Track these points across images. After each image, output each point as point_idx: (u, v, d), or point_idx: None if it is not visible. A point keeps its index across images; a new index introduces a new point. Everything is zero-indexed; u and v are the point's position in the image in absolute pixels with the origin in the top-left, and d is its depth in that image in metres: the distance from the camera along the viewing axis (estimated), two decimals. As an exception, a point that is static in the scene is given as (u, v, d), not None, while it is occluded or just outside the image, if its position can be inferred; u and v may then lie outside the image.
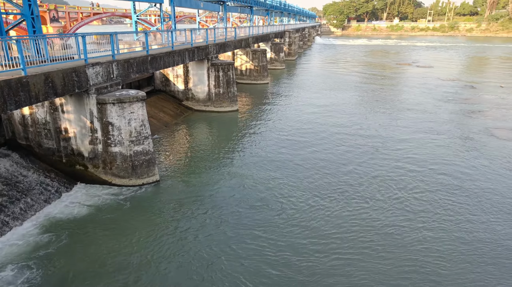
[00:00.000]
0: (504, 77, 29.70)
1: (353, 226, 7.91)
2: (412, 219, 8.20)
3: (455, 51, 54.93)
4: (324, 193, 9.39)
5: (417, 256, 6.93)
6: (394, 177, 10.39)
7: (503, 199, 9.17)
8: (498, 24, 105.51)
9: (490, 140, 13.63)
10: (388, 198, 9.14)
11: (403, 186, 9.82)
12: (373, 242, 7.34)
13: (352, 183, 10.00)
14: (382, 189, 9.63)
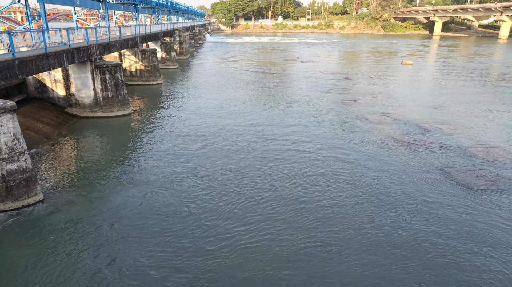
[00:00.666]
0: (372, 69, 34.28)
1: (255, 216, 8.24)
2: (306, 199, 8.92)
3: (332, 47, 61.15)
4: (228, 189, 9.57)
5: (316, 234, 7.58)
6: (287, 163, 11.14)
7: (373, 172, 10.62)
8: (363, 22, 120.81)
9: (364, 124, 15.62)
10: (285, 184, 9.77)
11: (296, 172, 10.61)
12: (276, 228, 7.77)
13: (251, 175, 10.40)
14: (278, 177, 10.23)
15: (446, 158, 11.81)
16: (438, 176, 10.47)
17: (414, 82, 27.02)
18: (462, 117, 16.89)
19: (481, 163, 11.37)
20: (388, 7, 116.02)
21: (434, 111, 18.11)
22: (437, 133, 14.35)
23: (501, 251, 7.05)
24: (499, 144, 13.17)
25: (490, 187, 9.72)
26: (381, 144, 13.21)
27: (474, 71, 33.07)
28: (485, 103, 19.85)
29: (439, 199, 9.14)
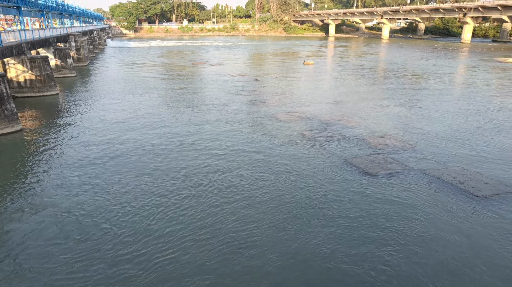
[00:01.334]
0: (278, 69, 36.02)
1: (173, 225, 8.02)
2: (223, 201, 8.99)
3: (239, 49, 62.55)
4: (142, 202, 9.12)
5: (236, 233, 7.68)
6: (201, 168, 11.09)
7: (284, 166, 11.20)
8: (266, 25, 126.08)
9: (274, 123, 16.34)
10: (201, 189, 9.71)
11: (211, 175, 10.62)
12: (196, 235, 7.68)
13: (165, 184, 10.09)
14: (193, 183, 10.12)
15: (347, 149, 13.01)
16: (342, 165, 11.48)
17: (316, 81, 29.15)
18: (358, 111, 18.75)
19: (376, 151, 12.78)
20: (287, 11, 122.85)
21: (335, 106, 19.78)
22: (338, 127, 15.71)
23: (392, 222, 8.04)
24: (389, 132, 14.96)
25: (385, 171, 10.99)
26: (290, 140, 13.97)
27: (365, 68, 37.01)
28: (376, 97, 22.35)
29: (343, 186, 10.04)
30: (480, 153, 12.54)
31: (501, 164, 11.53)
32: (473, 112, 18.26)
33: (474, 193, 9.46)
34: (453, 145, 13.44)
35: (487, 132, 14.91)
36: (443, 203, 9.11)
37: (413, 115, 17.72)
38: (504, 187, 9.81)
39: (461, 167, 11.22)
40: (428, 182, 10.25)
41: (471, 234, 7.79)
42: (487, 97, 22.18)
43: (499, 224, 8.15)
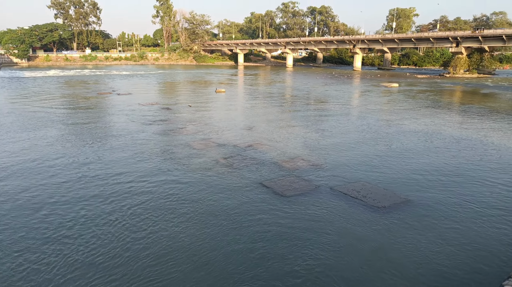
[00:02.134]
0: (190, 98, 35.95)
1: (87, 264, 7.17)
2: (139, 235, 8.38)
3: (149, 78, 61.09)
4: (41, 250, 7.99)
5: (151, 268, 7.16)
6: (110, 200, 10.26)
7: (200, 194, 11.01)
8: (176, 54, 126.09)
9: (188, 151, 16.07)
10: (112, 225, 8.93)
11: (120, 206, 9.88)
12: (106, 275, 6.96)
13: (70, 222, 9.05)
14: (103, 219, 9.28)
15: (261, 172, 13.36)
16: (256, 188, 11.71)
17: (228, 108, 29.78)
18: (270, 135, 19.56)
19: (288, 172, 13.37)
20: (196, 40, 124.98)
21: (248, 132, 20.33)
22: (252, 152, 16.12)
23: (304, 237, 8.40)
24: (299, 154, 15.84)
25: (296, 191, 11.51)
26: (204, 167, 13.84)
27: (273, 95, 39.14)
28: (285, 121, 23.65)
29: (257, 208, 10.20)
30: (377, 168, 13.98)
31: (394, 177, 12.99)
32: (370, 131, 20.45)
33: (375, 204, 10.43)
34: (355, 161, 14.76)
35: (382, 148, 16.76)
36: (350, 216, 9.84)
37: (320, 137, 19.12)
38: (399, 197, 11.03)
39: (363, 182, 12.33)
40: (336, 198, 11.01)
41: (374, 240, 8.51)
42: (379, 117, 25.12)
43: (397, 229, 9.07)
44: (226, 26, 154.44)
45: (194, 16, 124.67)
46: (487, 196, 11.18)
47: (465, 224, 9.41)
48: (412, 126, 21.86)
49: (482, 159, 15.11)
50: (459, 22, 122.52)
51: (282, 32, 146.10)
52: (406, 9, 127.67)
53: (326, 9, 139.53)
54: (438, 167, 14.09)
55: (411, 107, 29.97)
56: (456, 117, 25.31)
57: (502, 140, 18.49)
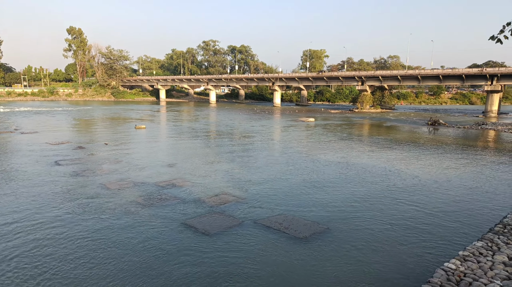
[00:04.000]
0: (107, 135, 33.84)
1: None
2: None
3: (60, 115, 56.44)
4: None
5: None
6: (3, 257, 8.81)
7: (118, 239, 10.11)
8: (92, 89, 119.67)
9: (103, 193, 14.83)
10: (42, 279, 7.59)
11: (16, 266, 8.52)
12: None
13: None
14: (31, 274, 7.86)
15: (184, 210, 12.82)
16: (178, 229, 11.14)
17: (149, 145, 28.60)
18: (193, 171, 19.11)
19: (212, 209, 13.04)
20: (114, 76, 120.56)
21: (170, 169, 19.62)
22: (174, 190, 15.48)
23: (229, 273, 8.11)
24: (223, 189, 15.65)
25: (220, 228, 11.21)
26: (120, 209, 12.83)
27: (197, 131, 38.87)
28: (209, 156, 23.42)
29: (180, 249, 9.65)
30: (299, 199, 14.40)
31: (315, 207, 13.48)
32: (291, 164, 21.22)
33: (296, 235, 10.61)
34: (278, 194, 15.04)
35: (303, 180, 17.42)
36: (271, 248, 9.83)
37: (243, 171, 19.23)
38: (319, 226, 11.40)
39: (286, 214, 12.55)
40: (259, 231, 10.96)
41: (295, 271, 8.56)
42: (298, 150, 26.34)
43: (317, 257, 9.26)
44: (146, 62, 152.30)
45: (111, 51, 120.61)
46: (399, 218, 12.16)
47: (379, 245, 10.01)
48: (329, 158, 23.29)
49: (390, 185, 16.58)
50: (363, 63, 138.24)
51: (204, 69, 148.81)
52: (318, 51, 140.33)
53: (246, 48, 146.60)
54: (355, 195, 15.05)
55: (327, 140, 32.12)
56: (367, 149, 27.72)
57: (406, 167, 20.62)
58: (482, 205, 13.67)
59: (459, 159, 23.20)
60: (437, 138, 34.42)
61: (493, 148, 28.86)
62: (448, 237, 10.53)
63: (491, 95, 66.49)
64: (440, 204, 13.81)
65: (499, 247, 7.99)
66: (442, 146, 29.27)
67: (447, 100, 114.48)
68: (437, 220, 12.04)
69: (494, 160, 23.06)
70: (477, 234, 10.42)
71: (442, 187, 16.30)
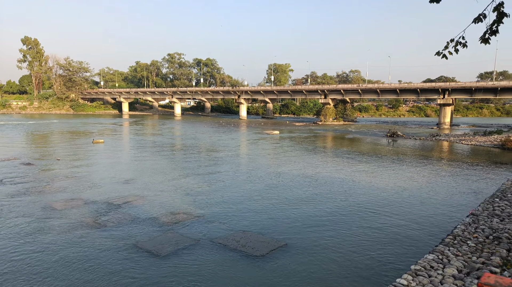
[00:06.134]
0: (62, 151, 32.02)
1: None
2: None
3: (11, 130, 53.08)
4: None
5: None
6: None
7: (46, 268, 9.29)
8: (49, 102, 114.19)
9: (49, 213, 13.77)
10: None
11: None
12: None
13: None
14: None
15: (136, 231, 12.12)
16: (127, 251, 10.45)
17: (106, 160, 27.31)
18: (152, 188, 18.33)
19: (167, 228, 12.43)
20: (74, 88, 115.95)
21: (126, 186, 18.70)
22: (129, 208, 14.69)
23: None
24: (181, 207, 15.06)
25: (174, 248, 10.65)
26: (68, 232, 11.91)
27: (159, 145, 37.78)
28: (170, 172, 22.65)
29: (130, 274, 9.00)
30: (258, 215, 14.10)
31: (273, 223, 13.23)
32: (252, 179, 20.94)
33: (253, 253, 10.27)
34: (238, 210, 14.66)
35: (263, 195, 17.16)
36: (228, 268, 9.41)
37: (204, 187, 18.70)
38: (277, 242, 11.13)
39: (244, 231, 12.18)
40: (215, 251, 10.51)
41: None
42: (261, 164, 26.16)
43: (274, 274, 8.95)
44: (108, 74, 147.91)
45: (70, 63, 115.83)
46: (356, 233, 12.14)
47: (336, 262, 9.86)
48: (291, 172, 23.26)
49: (349, 199, 16.70)
50: (326, 77, 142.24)
51: (169, 81, 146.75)
52: (283, 65, 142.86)
53: (212, 61, 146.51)
54: (315, 209, 14.97)
55: (291, 154, 32.25)
56: (329, 162, 28.06)
57: (365, 180, 20.96)
58: (436, 216, 14.04)
59: (415, 170, 23.99)
60: (395, 150, 35.63)
61: (446, 159, 30.22)
62: (402, 250, 10.61)
63: (443, 108, 70.33)
64: (395, 215, 14.03)
65: (449, 260, 8.07)
66: (400, 157, 30.27)
67: (405, 113, 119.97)
68: (393, 232, 12.17)
69: (447, 170, 24.07)
70: (430, 246, 10.58)
71: (399, 198, 16.64)
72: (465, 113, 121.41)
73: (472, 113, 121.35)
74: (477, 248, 8.85)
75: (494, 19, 6.09)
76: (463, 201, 16.18)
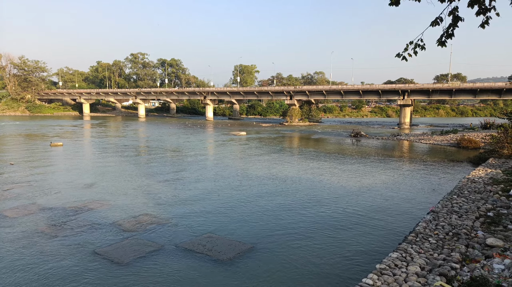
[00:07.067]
0: (15, 155, 30.06)
1: None
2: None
3: (-42, 132, 49.26)
4: None
5: None
6: None
7: (14, 276, 8.60)
8: (2, 103, 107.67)
9: (6, 221, 12.77)
10: None
11: None
12: None
13: None
14: None
15: (95, 238, 11.50)
16: (85, 259, 9.86)
17: (64, 164, 25.93)
18: (113, 192, 17.57)
19: (129, 234, 11.89)
20: (29, 89, 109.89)
21: (86, 191, 17.81)
22: (88, 214, 13.95)
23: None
24: (145, 211, 14.50)
25: (136, 255, 10.18)
26: (24, 241, 11.09)
27: (122, 147, 36.45)
28: (134, 175, 21.84)
29: (87, 281, 8.47)
30: (225, 218, 13.85)
31: (241, 225, 13.04)
32: (219, 180, 20.63)
33: (220, 257, 10.03)
34: (204, 213, 14.33)
35: (230, 197, 16.93)
36: (193, 273, 9.12)
37: (169, 190, 18.18)
38: (244, 246, 10.95)
39: (210, 234, 11.91)
40: (180, 256, 10.17)
41: (220, 301, 7.95)
42: (228, 164, 25.90)
43: (240, 279, 8.77)
44: (68, 74, 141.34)
45: (25, 62, 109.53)
46: (322, 233, 12.22)
47: (303, 263, 9.84)
48: (257, 173, 23.18)
49: (314, 198, 16.85)
50: (292, 79, 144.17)
51: (133, 82, 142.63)
52: (249, 66, 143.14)
53: (177, 62, 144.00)
54: (282, 210, 14.94)
55: (257, 154, 32.22)
56: (295, 161, 28.29)
57: (330, 179, 21.29)
58: (399, 214, 14.46)
59: (377, 169, 24.71)
60: (359, 149, 36.62)
61: (407, 157, 31.44)
62: (368, 248, 10.78)
63: (403, 109, 73.40)
64: (361, 214, 14.30)
65: (412, 257, 8.25)
66: (363, 156, 31.12)
67: (367, 113, 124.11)
68: (358, 232, 12.36)
69: (408, 168, 25.01)
70: (394, 244, 10.83)
71: (363, 197, 17.02)
72: (423, 113, 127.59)
73: (429, 114, 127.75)
74: (438, 245, 9.13)
75: (450, 23, 6.28)
76: (423, 198, 16.80)
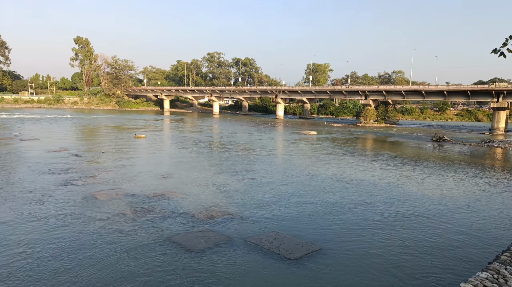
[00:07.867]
0: (106, 144, 33.48)
1: None
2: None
3: (63, 123, 56.44)
4: None
5: None
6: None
7: (102, 254, 9.50)
8: (97, 98, 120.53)
9: (92, 203, 14.27)
10: None
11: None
12: None
13: None
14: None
15: (171, 225, 12.21)
16: (162, 244, 10.53)
17: (146, 155, 28.14)
18: (188, 183, 18.55)
19: (201, 225, 12.42)
20: (119, 85, 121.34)
21: (164, 180, 19.06)
22: (165, 202, 14.90)
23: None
24: (217, 203, 15.04)
25: (207, 245, 10.58)
26: (106, 222, 12.26)
27: (198, 141, 38.42)
28: (207, 169, 22.84)
29: (163, 267, 9.03)
30: (293, 216, 13.74)
31: (309, 225, 12.81)
32: (289, 179, 20.56)
33: (287, 255, 9.94)
34: (272, 210, 14.38)
35: (298, 196, 16.75)
36: (259, 269, 9.16)
37: (240, 185, 18.61)
38: (311, 246, 10.72)
39: (277, 232, 11.88)
40: (248, 250, 10.31)
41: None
42: (297, 164, 25.69)
43: (305, 280, 8.58)
44: (151, 73, 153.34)
45: (116, 61, 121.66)
46: (397, 242, 11.44)
47: (373, 271, 9.29)
48: (328, 174, 22.58)
49: (390, 206, 15.85)
50: (367, 78, 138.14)
51: (209, 80, 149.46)
52: (322, 65, 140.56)
53: (250, 61, 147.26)
54: (354, 215, 14.34)
55: (328, 155, 31.45)
56: (370, 165, 26.99)
57: (408, 187, 19.87)
58: (489, 229, 12.90)
59: (464, 178, 22.38)
60: (442, 155, 33.61)
61: (500, 167, 27.99)
62: (451, 265, 9.78)
63: (497, 113, 65.61)
64: (444, 228, 13.05)
65: (507, 280, 7.23)
66: (447, 163, 28.47)
67: (452, 116, 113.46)
68: (440, 245, 11.28)
69: (502, 180, 22.22)
70: (482, 262, 9.67)
71: (446, 209, 15.50)
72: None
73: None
74: (538, 268, 7.92)
75: None
76: (518, 213, 14.78)
